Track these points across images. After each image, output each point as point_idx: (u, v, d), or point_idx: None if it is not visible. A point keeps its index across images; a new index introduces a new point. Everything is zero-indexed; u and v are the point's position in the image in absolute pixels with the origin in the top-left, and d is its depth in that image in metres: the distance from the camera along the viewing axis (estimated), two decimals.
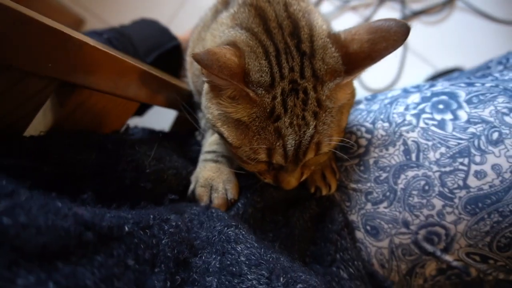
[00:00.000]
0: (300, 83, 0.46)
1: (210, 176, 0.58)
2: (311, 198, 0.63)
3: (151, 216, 0.40)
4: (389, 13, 1.56)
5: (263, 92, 0.45)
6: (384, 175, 0.59)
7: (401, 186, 0.57)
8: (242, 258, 0.41)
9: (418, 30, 1.53)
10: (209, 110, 0.51)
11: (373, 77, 1.49)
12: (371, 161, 0.60)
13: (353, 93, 0.55)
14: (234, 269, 0.39)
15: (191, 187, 0.59)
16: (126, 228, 0.35)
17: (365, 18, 1.57)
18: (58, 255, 0.28)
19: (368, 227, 0.60)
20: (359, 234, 0.62)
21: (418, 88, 0.64)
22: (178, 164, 0.60)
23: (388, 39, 0.44)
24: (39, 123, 0.48)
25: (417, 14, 1.54)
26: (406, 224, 0.57)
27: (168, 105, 0.70)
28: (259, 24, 0.49)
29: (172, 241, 0.39)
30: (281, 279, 0.39)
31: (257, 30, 0.48)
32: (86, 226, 0.31)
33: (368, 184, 0.60)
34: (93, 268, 0.29)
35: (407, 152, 0.57)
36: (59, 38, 0.38)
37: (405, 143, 0.58)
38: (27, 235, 0.26)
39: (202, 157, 0.63)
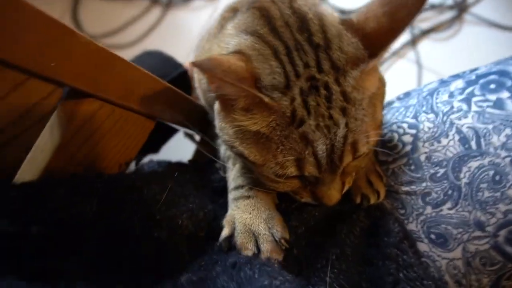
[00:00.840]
0: (319, 78, 0.41)
1: (248, 219, 0.50)
2: (358, 209, 0.55)
3: None
4: None
5: (279, 95, 0.40)
6: (442, 170, 0.50)
7: (465, 180, 0.49)
8: None
9: (430, 48, 1.51)
10: (224, 130, 0.46)
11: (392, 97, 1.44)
12: (422, 157, 0.52)
13: (382, 81, 0.49)
14: None
15: (225, 232, 0.51)
16: None
17: None
18: None
19: (432, 236, 0.51)
20: (423, 246, 0.52)
21: (458, 76, 0.58)
22: (194, 205, 0.53)
23: (405, 4, 0.40)
24: (45, 143, 0.43)
25: (426, 32, 1.53)
26: (480, 225, 0.47)
27: (184, 123, 0.65)
28: (264, 25, 0.44)
29: None
30: None
31: (262, 32, 0.44)
32: None
33: (424, 184, 0.52)
34: None
35: (464, 140, 0.49)
36: (59, 31, 0.34)
37: (459, 132, 0.50)
38: None
39: (230, 196, 0.55)
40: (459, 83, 0.55)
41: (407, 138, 0.55)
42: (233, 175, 0.58)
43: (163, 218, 0.48)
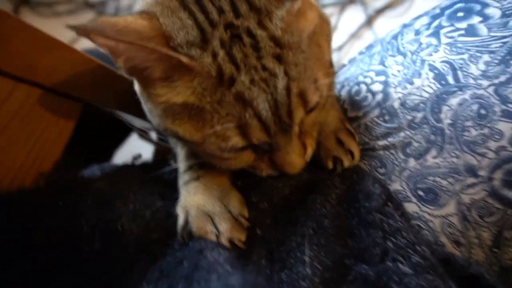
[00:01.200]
0: (238, 25, 0.34)
1: (200, 200, 0.44)
2: (332, 175, 0.47)
3: None
4: (353, 16, 1.53)
5: (198, 52, 0.34)
6: (420, 115, 0.43)
7: (447, 121, 0.42)
8: None
9: (386, 25, 1.49)
10: (152, 113, 0.40)
11: None
12: (396, 104, 0.45)
13: (323, 17, 0.42)
14: None
15: (180, 222, 0.44)
16: None
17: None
18: None
19: (420, 192, 0.43)
20: (411, 207, 0.44)
21: (420, 15, 0.52)
22: (137, 205, 0.44)
23: None
24: None
25: (381, 11, 1.51)
26: (471, 170, 0.40)
27: (121, 109, 0.55)
28: None
29: None
30: None
31: None
32: None
33: (402, 134, 0.44)
34: None
35: (440, 77, 0.43)
36: None
37: (433, 68, 0.44)
38: None
39: (180, 181, 0.48)
40: (424, 20, 0.49)
41: (376, 87, 0.48)
42: (181, 157, 0.50)
43: (92, 227, 0.39)
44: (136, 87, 0.43)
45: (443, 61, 0.43)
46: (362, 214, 0.43)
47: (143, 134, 0.92)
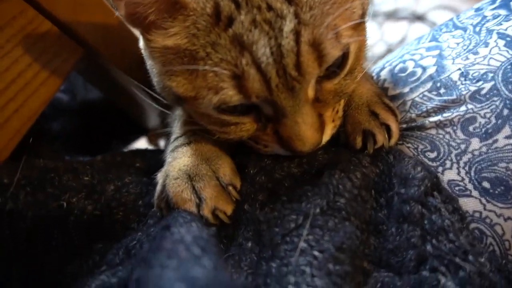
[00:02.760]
0: None
1: (185, 161, 0.36)
2: (360, 154, 0.36)
3: None
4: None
5: None
6: (488, 85, 0.34)
7: None
8: None
9: None
10: (153, 72, 0.37)
11: None
12: (455, 75, 0.36)
13: None
14: None
15: (158, 188, 0.36)
16: None
17: None
18: None
19: (485, 184, 0.32)
20: (471, 203, 0.33)
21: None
22: (95, 181, 0.38)
23: None
24: None
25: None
26: None
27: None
28: None
29: None
30: None
31: None
32: None
33: (463, 108, 0.35)
34: None
35: None
36: None
37: (504, 36, 0.36)
38: None
39: (169, 149, 0.40)
40: (484, 1, 0.42)
41: (428, 61, 0.40)
42: (176, 125, 0.43)
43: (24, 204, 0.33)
44: (141, 43, 0.39)
45: None
46: (395, 204, 0.31)
47: (153, 138, 0.85)
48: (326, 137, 0.34)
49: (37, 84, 0.43)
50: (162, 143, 0.82)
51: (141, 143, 0.89)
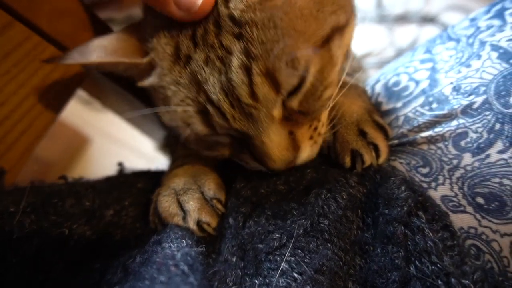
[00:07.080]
0: None
1: (173, 180, 0.39)
2: (348, 173, 0.36)
3: None
4: None
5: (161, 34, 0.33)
6: (479, 99, 0.34)
7: None
8: None
9: None
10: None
11: None
12: (447, 89, 0.36)
13: None
14: None
15: (152, 206, 0.38)
16: None
17: None
18: None
19: (479, 199, 0.32)
20: (466, 219, 0.32)
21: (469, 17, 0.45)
22: (95, 206, 0.39)
23: None
24: None
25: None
26: None
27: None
28: None
29: None
30: None
31: None
32: None
33: (454, 123, 0.34)
34: None
35: (507, 55, 0.34)
36: None
37: (496, 48, 0.35)
38: None
39: (167, 171, 0.43)
40: (479, 10, 0.42)
41: (421, 74, 0.39)
42: (174, 152, 0.47)
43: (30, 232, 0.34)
44: None
45: (510, 39, 0.35)
46: (379, 225, 0.31)
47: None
48: (304, 154, 0.35)
49: (42, 106, 0.45)
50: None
51: (143, 165, 0.90)
